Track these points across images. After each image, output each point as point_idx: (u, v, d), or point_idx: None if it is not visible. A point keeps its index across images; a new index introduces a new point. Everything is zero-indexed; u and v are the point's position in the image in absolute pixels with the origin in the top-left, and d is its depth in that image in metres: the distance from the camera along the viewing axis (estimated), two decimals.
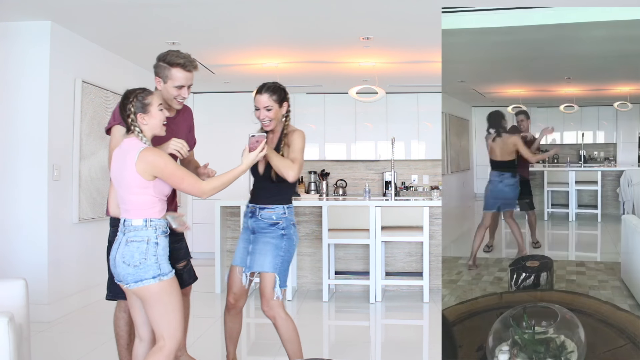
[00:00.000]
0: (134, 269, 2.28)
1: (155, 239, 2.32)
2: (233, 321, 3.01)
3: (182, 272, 2.93)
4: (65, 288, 4.67)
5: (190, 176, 2.38)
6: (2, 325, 2.21)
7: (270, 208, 2.83)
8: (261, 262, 2.79)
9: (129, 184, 2.31)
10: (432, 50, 5.55)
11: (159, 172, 2.29)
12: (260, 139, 2.61)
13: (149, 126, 2.36)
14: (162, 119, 2.40)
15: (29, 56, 4.47)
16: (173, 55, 2.67)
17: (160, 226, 2.35)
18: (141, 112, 2.33)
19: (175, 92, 2.70)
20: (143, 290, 2.29)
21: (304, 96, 7.95)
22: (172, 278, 2.35)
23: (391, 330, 4.48)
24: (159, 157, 2.30)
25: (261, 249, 2.80)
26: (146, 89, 2.41)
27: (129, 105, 2.34)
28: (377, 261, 5.12)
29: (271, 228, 2.81)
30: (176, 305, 2.34)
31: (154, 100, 2.37)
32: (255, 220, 2.85)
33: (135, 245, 2.29)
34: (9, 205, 4.44)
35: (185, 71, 2.68)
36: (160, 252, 2.32)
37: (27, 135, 4.45)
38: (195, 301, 5.38)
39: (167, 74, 2.67)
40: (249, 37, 5.08)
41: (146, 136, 2.36)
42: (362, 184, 8.22)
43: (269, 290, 2.79)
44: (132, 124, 2.34)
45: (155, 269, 2.29)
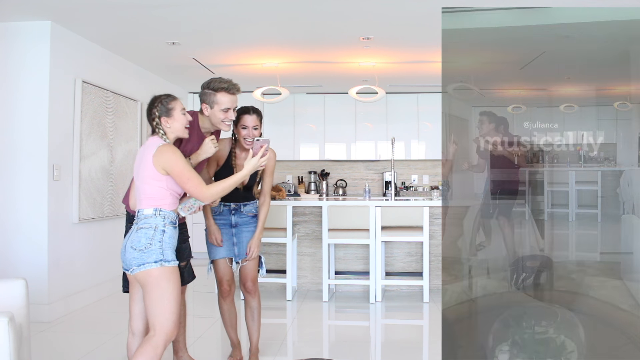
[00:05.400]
0: (139, 252, 2.41)
1: (163, 227, 2.46)
2: (230, 308, 3.40)
3: (183, 271, 3.08)
4: (65, 288, 4.67)
5: (197, 179, 2.51)
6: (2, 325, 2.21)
7: (250, 204, 3.35)
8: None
9: (145, 174, 2.48)
10: (432, 50, 5.55)
11: (170, 167, 2.45)
12: (263, 144, 2.77)
13: (172, 129, 2.58)
14: (185, 122, 2.61)
15: (29, 56, 4.47)
16: (216, 82, 2.90)
17: (169, 217, 2.49)
18: (165, 116, 2.56)
19: (222, 115, 2.90)
20: (144, 275, 2.40)
21: (304, 96, 7.95)
22: (174, 267, 2.46)
23: (391, 330, 4.48)
24: (172, 155, 2.47)
25: (248, 237, 3.31)
26: (170, 95, 2.61)
27: (154, 109, 2.57)
28: (377, 261, 5.12)
29: (253, 219, 3.34)
30: (173, 294, 2.42)
31: (177, 105, 2.59)
32: (239, 215, 3.33)
33: (144, 231, 2.44)
34: (9, 205, 4.44)
35: (229, 94, 2.90)
36: (166, 240, 2.46)
37: (27, 135, 4.45)
38: (195, 301, 5.40)
39: (213, 99, 2.89)
40: (249, 37, 5.08)
41: (169, 138, 2.56)
42: (362, 184, 8.22)
43: (255, 270, 3.35)
44: (157, 127, 2.56)
45: (159, 254, 2.42)
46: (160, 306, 2.39)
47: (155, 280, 2.39)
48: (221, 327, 4.30)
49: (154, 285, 2.40)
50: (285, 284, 5.52)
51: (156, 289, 2.40)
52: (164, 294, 2.40)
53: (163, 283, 2.40)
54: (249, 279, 3.31)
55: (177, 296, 2.45)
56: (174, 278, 2.44)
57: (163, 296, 2.40)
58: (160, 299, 2.39)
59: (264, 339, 3.88)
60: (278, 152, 3.49)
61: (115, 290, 5.31)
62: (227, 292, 3.35)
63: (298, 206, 5.50)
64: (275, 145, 3.57)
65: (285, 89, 6.23)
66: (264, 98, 6.36)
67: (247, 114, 3.18)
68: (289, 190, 7.83)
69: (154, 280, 2.39)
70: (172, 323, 2.41)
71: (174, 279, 2.44)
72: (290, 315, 4.76)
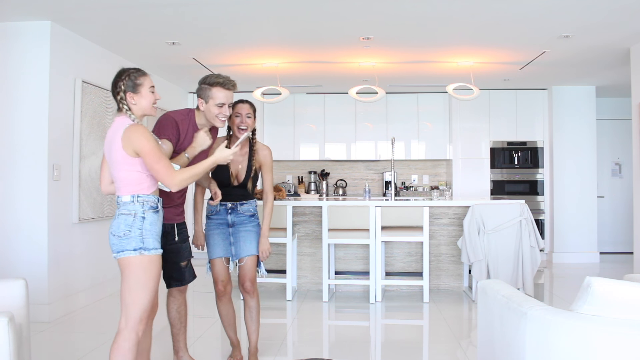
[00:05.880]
0: (118, 239, 2.34)
1: (142, 213, 2.37)
2: (227, 308, 3.37)
3: (184, 271, 3.11)
4: (65, 288, 4.67)
5: (168, 162, 2.38)
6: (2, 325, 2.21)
7: (248, 203, 3.32)
8: (247, 248, 3.28)
9: (117, 160, 2.37)
10: (432, 50, 5.55)
11: (139, 147, 2.32)
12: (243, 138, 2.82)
13: (138, 106, 2.43)
14: (152, 100, 2.47)
15: (29, 56, 4.47)
16: (213, 77, 2.90)
17: (148, 202, 2.39)
18: (131, 92, 2.42)
19: (216, 110, 2.88)
20: (123, 261, 2.34)
21: (304, 96, 7.95)
22: (154, 256, 2.37)
23: (391, 330, 4.48)
24: (141, 134, 2.33)
25: (245, 237, 3.29)
26: (140, 70, 2.47)
27: (120, 82, 2.42)
28: (377, 261, 5.12)
29: (250, 219, 3.31)
30: (148, 284, 2.35)
31: (145, 82, 2.45)
32: (236, 214, 3.29)
33: (123, 217, 2.36)
34: (9, 205, 4.44)
35: (224, 89, 2.88)
36: (146, 227, 2.36)
37: (27, 135, 4.45)
38: (195, 301, 5.41)
39: (209, 94, 2.88)
40: (249, 37, 5.08)
41: (135, 114, 2.42)
42: (362, 184, 8.22)
43: (254, 270, 3.31)
44: (121, 102, 2.42)
45: (138, 242, 2.34)
46: (134, 294, 2.32)
47: (133, 267, 2.33)
48: (221, 327, 4.31)
49: (131, 273, 2.33)
50: (285, 284, 5.52)
51: (132, 277, 2.33)
52: (139, 282, 2.33)
53: (139, 272, 2.33)
54: (248, 279, 3.27)
55: (154, 286, 2.37)
56: (153, 267, 2.36)
57: (137, 285, 2.33)
58: (135, 288, 2.33)
59: (264, 339, 3.88)
60: (278, 152, 3.52)
61: (115, 290, 5.31)
62: (222, 292, 3.32)
63: (298, 206, 5.50)
64: (275, 145, 3.60)
65: (285, 89, 6.23)
66: (264, 98, 6.36)
67: (240, 103, 3.23)
68: (289, 190, 7.83)
69: (131, 268, 2.33)
70: (143, 312, 2.34)
71: (153, 268, 2.36)
72: (290, 315, 4.76)
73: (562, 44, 5.22)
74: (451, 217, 5.56)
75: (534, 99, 7.66)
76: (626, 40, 5.16)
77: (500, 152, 7.67)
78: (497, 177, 7.69)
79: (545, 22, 4.60)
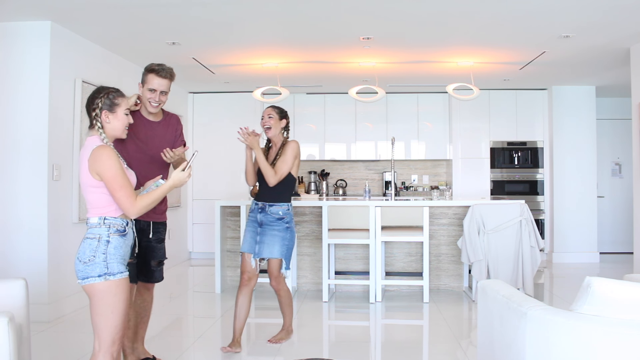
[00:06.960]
0: (83, 265, 2.30)
1: (107, 237, 2.32)
2: (244, 299, 3.55)
3: (154, 269, 3.13)
4: (65, 288, 4.67)
5: (129, 190, 2.34)
6: (2, 325, 2.20)
7: (277, 205, 3.52)
8: (270, 250, 3.51)
9: (85, 182, 2.34)
10: (432, 50, 5.55)
11: (102, 172, 2.29)
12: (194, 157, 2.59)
13: (111, 125, 2.42)
14: (126, 123, 2.47)
15: (29, 56, 4.47)
16: (152, 64, 3.05)
17: (115, 225, 2.35)
18: (107, 110, 2.40)
19: (148, 94, 3.03)
20: (89, 288, 2.30)
21: (304, 96, 7.95)
22: (120, 279, 2.32)
23: (391, 330, 4.48)
24: (107, 159, 2.29)
25: (269, 240, 3.51)
26: (119, 90, 2.47)
27: (97, 100, 2.40)
28: (377, 261, 5.12)
29: (278, 222, 3.50)
30: (118, 308, 2.31)
31: (123, 103, 2.45)
32: (265, 214, 3.51)
33: (88, 242, 2.32)
34: (9, 205, 4.44)
35: (158, 77, 3.02)
36: (110, 251, 2.32)
37: (27, 135, 4.45)
38: (195, 301, 5.41)
39: (144, 79, 3.05)
40: (249, 37, 5.08)
41: (106, 134, 2.41)
42: (362, 184, 8.23)
43: (277, 271, 3.57)
44: (95, 119, 2.40)
45: (102, 268, 2.29)
46: (105, 320, 2.29)
47: (101, 294, 2.28)
48: (221, 327, 4.31)
49: (99, 299, 2.29)
50: None
51: (101, 304, 2.29)
52: (109, 308, 2.29)
53: (108, 298, 2.28)
54: (272, 278, 3.59)
55: (123, 310, 2.34)
56: (120, 291, 2.31)
57: (107, 310, 2.29)
58: (105, 313, 2.29)
59: (264, 338, 3.88)
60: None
61: None
62: (245, 282, 3.54)
63: (298, 206, 5.50)
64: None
65: (285, 89, 6.23)
66: (264, 98, 6.36)
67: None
68: None
69: (100, 294, 2.29)
70: (115, 335, 2.32)
71: (120, 292, 2.31)
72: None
73: (562, 44, 5.22)
74: (451, 217, 5.56)
75: (534, 99, 7.66)
76: (626, 40, 5.16)
77: (500, 152, 7.67)
78: (497, 177, 7.70)
79: (545, 22, 4.60)
